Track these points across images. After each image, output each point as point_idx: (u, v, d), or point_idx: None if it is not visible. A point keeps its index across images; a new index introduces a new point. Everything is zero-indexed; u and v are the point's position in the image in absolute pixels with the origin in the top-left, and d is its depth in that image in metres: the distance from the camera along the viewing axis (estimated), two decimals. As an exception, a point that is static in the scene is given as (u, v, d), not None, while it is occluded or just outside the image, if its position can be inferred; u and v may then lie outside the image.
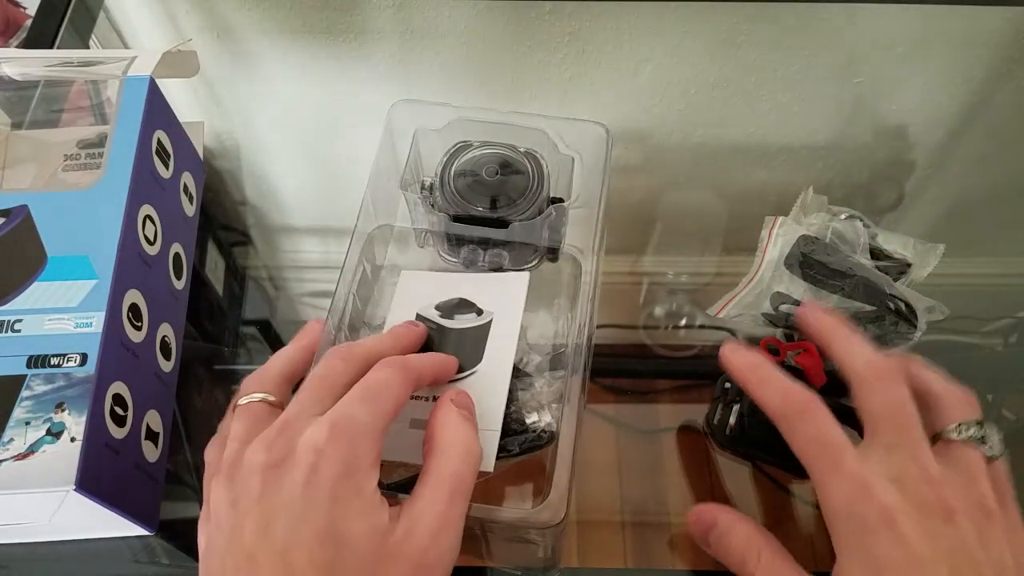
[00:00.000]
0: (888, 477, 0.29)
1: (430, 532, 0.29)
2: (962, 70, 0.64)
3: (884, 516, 0.28)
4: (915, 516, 0.28)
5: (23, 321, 0.39)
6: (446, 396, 0.33)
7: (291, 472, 0.28)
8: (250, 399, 0.33)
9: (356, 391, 0.31)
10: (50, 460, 0.35)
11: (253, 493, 0.28)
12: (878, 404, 0.32)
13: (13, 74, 0.48)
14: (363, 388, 0.31)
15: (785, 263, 0.45)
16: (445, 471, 0.30)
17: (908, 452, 0.30)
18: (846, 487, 0.30)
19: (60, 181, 0.49)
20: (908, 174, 0.60)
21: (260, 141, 0.64)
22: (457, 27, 0.66)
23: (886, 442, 0.31)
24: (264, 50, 0.67)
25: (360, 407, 0.30)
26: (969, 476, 0.31)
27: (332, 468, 0.28)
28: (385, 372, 0.32)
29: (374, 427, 0.30)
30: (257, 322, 0.55)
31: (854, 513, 0.29)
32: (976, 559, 0.28)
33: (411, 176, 0.45)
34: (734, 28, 0.65)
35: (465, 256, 0.45)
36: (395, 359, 0.33)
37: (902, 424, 0.31)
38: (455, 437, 0.31)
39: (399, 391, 0.32)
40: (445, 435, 0.31)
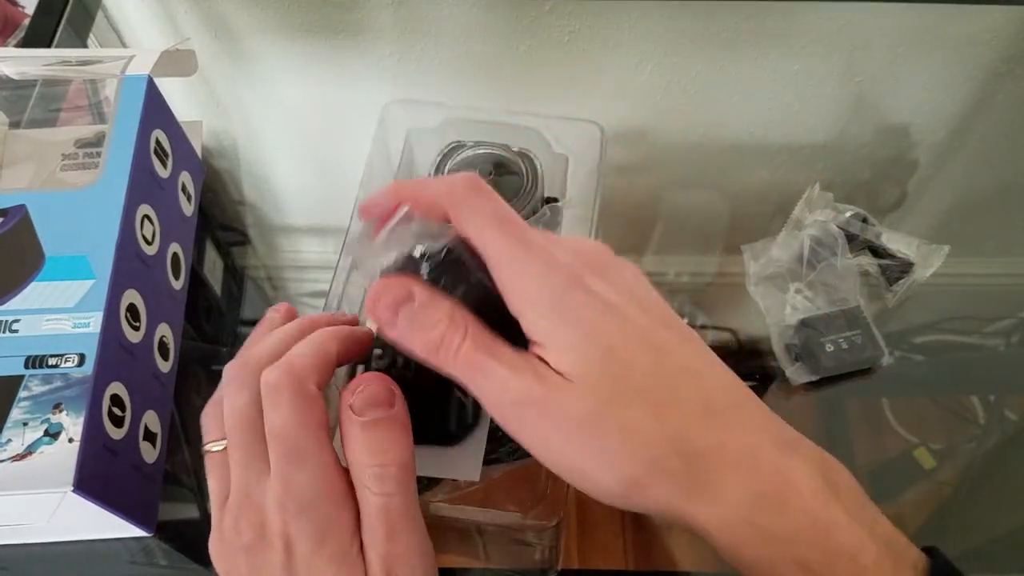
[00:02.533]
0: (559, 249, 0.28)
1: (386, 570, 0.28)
2: (962, 70, 0.64)
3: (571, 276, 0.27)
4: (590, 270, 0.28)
5: (21, 321, 0.39)
6: (343, 404, 0.29)
7: (268, 554, 0.28)
8: (216, 447, 0.30)
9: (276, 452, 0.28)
10: (48, 461, 0.35)
11: (243, 571, 0.29)
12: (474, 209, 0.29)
13: (11, 73, 0.48)
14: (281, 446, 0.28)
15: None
16: (369, 509, 0.28)
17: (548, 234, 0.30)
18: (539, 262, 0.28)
19: (58, 180, 0.49)
20: (909, 173, 0.60)
21: (259, 140, 0.64)
22: (456, 26, 0.66)
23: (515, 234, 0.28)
24: (263, 49, 0.67)
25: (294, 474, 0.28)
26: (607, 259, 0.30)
27: (303, 546, 0.28)
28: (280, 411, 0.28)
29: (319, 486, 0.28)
30: (255, 322, 0.54)
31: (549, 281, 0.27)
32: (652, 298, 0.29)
33: (404, 176, 0.45)
34: (734, 28, 0.64)
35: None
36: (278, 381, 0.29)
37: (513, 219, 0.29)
38: (364, 461, 0.28)
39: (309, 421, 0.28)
40: (356, 462, 0.28)
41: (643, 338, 0.27)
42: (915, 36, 0.66)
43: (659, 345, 0.27)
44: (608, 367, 0.27)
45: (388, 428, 0.29)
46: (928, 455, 0.48)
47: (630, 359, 0.27)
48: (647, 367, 0.27)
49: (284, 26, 0.67)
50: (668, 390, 0.27)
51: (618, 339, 0.27)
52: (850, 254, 0.48)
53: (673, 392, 0.27)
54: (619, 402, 0.26)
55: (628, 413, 0.26)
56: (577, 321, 0.27)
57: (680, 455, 0.26)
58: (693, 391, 0.27)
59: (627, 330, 0.27)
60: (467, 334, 0.27)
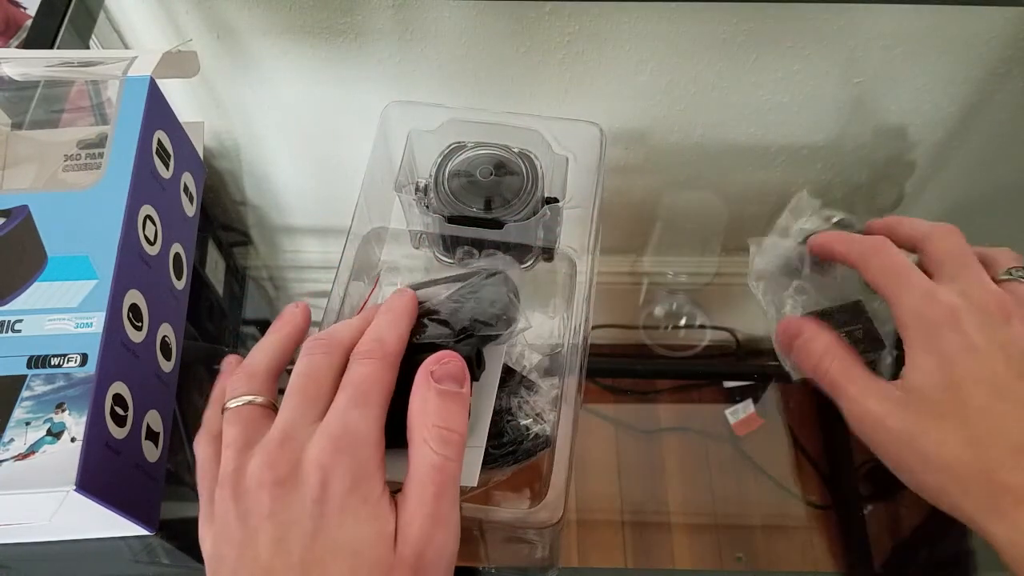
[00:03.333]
0: (952, 290, 0.34)
1: (423, 534, 0.29)
2: (962, 70, 0.64)
3: (948, 314, 0.33)
4: (975, 315, 0.33)
5: (23, 321, 0.39)
6: (423, 369, 0.32)
7: (300, 489, 0.28)
8: (238, 402, 0.32)
9: (346, 394, 0.31)
10: (50, 460, 0.35)
11: (263, 509, 0.28)
12: (942, 250, 0.36)
13: (13, 74, 0.48)
14: (352, 389, 0.31)
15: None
16: (424, 466, 0.30)
17: (970, 276, 0.35)
18: (916, 295, 0.34)
19: (60, 181, 0.49)
20: (908, 174, 0.60)
21: (260, 141, 0.64)
22: (457, 28, 0.66)
23: (949, 273, 0.35)
24: (264, 50, 0.67)
25: (355, 412, 0.30)
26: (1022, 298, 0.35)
27: (340, 483, 0.28)
28: (366, 366, 0.31)
29: (371, 431, 0.30)
30: (257, 322, 0.55)
31: (922, 314, 0.33)
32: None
33: (405, 178, 0.45)
34: (734, 28, 0.65)
35: (460, 257, 0.45)
36: (372, 346, 0.32)
37: (963, 261, 0.36)
38: (432, 421, 0.30)
39: (385, 382, 0.31)
40: (423, 421, 0.30)
41: (991, 381, 0.32)
42: (915, 36, 0.66)
43: (1002, 389, 0.32)
44: (945, 395, 0.32)
45: (460, 402, 0.31)
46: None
47: (968, 393, 0.32)
48: (982, 403, 0.31)
49: (286, 28, 0.67)
50: (991, 425, 0.31)
51: (966, 375, 0.32)
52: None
53: (995, 428, 0.31)
54: (942, 426, 0.32)
55: (947, 437, 0.32)
56: (937, 351, 0.33)
57: (987, 484, 0.31)
58: (1015, 430, 0.31)
59: (979, 370, 0.32)
60: (834, 360, 0.36)
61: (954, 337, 0.33)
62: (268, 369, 0.35)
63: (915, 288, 0.34)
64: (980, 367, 0.32)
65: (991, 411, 0.31)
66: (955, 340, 0.33)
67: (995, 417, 0.31)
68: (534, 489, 0.41)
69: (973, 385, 0.32)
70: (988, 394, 0.32)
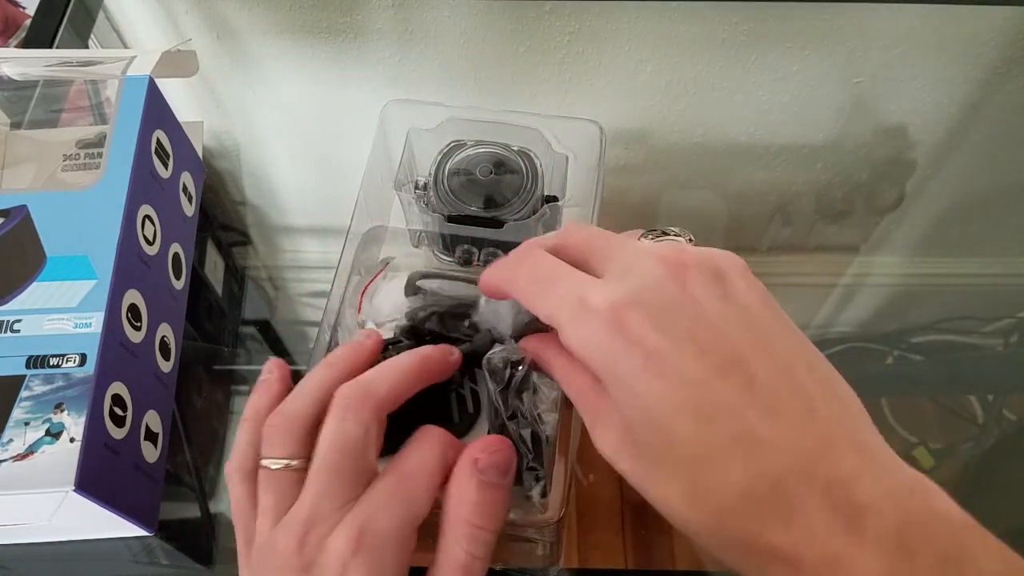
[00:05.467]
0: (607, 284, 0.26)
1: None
2: (962, 70, 0.64)
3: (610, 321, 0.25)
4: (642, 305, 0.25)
5: (22, 321, 0.39)
6: (468, 455, 0.29)
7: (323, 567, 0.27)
8: (276, 465, 0.29)
9: (387, 488, 0.27)
10: (49, 461, 0.35)
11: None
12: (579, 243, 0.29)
13: (12, 74, 0.48)
14: (397, 485, 0.28)
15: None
16: (451, 562, 0.27)
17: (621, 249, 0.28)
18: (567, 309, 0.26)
19: (59, 181, 0.49)
20: (908, 174, 0.60)
21: (260, 141, 0.64)
22: (456, 27, 0.66)
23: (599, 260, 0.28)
24: (263, 50, 0.67)
25: (387, 512, 0.27)
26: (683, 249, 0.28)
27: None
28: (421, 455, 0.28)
29: (402, 535, 0.27)
30: (256, 322, 0.55)
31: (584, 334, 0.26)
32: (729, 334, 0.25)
33: (405, 176, 0.45)
34: (734, 28, 0.65)
35: (460, 256, 0.45)
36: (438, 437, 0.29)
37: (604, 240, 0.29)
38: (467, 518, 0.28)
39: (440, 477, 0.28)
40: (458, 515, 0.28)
41: (687, 400, 0.24)
42: (915, 36, 0.66)
43: (708, 406, 0.24)
44: (647, 439, 0.25)
45: (500, 495, 0.28)
46: (927, 454, 0.48)
47: (668, 428, 0.24)
48: (687, 439, 0.24)
49: (285, 27, 0.67)
50: (709, 467, 0.24)
51: (658, 402, 0.24)
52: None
53: (714, 469, 0.24)
54: (657, 475, 0.25)
55: (666, 488, 0.25)
56: (617, 383, 0.25)
57: (721, 540, 0.24)
58: (739, 467, 0.23)
59: (668, 390, 0.24)
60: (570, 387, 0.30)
61: (627, 351, 0.25)
62: (310, 421, 0.30)
63: (564, 300, 0.27)
64: (667, 382, 0.24)
65: (698, 442, 0.24)
66: (629, 355, 0.25)
67: (704, 449, 0.24)
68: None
69: (668, 414, 0.24)
70: (687, 418, 0.24)
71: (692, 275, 0.26)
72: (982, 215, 0.60)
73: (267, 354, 0.54)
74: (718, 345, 0.25)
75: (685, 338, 0.24)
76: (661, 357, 0.24)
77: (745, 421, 0.24)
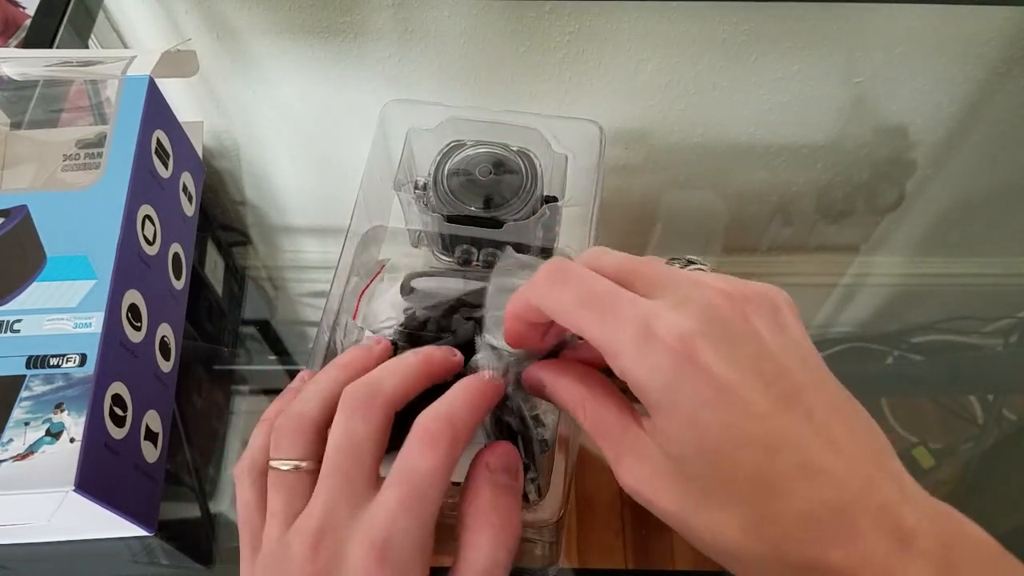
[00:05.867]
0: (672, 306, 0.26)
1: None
2: (962, 70, 0.64)
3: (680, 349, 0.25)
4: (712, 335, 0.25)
5: (22, 321, 0.39)
6: (481, 460, 0.29)
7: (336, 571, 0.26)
8: (285, 466, 0.29)
9: (398, 493, 0.27)
10: (49, 461, 0.35)
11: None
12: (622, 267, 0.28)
13: (12, 74, 0.48)
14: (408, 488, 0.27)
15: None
16: (477, 564, 0.27)
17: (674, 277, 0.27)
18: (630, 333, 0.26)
19: (59, 181, 0.49)
20: (908, 174, 0.60)
21: (260, 141, 0.64)
22: (456, 27, 0.66)
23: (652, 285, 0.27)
24: (263, 50, 0.67)
25: (407, 521, 0.26)
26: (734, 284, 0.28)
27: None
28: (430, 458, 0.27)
29: (424, 543, 0.27)
30: (256, 322, 0.55)
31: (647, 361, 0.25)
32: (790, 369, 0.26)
33: (404, 176, 0.45)
34: (734, 28, 0.65)
35: (459, 256, 0.45)
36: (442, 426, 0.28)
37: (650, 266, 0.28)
38: (488, 516, 0.28)
39: (447, 477, 0.27)
40: (477, 514, 0.28)
41: (753, 432, 0.24)
42: (915, 36, 0.66)
43: (772, 439, 0.24)
44: (703, 469, 0.25)
45: (514, 498, 0.29)
46: (927, 454, 0.48)
47: (730, 459, 0.24)
48: (750, 471, 0.24)
49: (285, 27, 0.67)
50: (770, 497, 0.24)
51: (723, 434, 0.24)
52: None
53: (775, 499, 0.24)
54: (710, 505, 0.25)
55: (720, 518, 0.25)
56: (678, 413, 0.25)
57: (777, 567, 0.24)
58: (800, 497, 0.24)
59: (734, 422, 0.24)
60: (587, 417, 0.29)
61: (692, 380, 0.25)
62: (319, 421, 0.30)
63: (629, 325, 0.26)
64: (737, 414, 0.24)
65: (762, 472, 0.24)
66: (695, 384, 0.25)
67: (769, 479, 0.24)
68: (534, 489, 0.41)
69: (733, 446, 0.24)
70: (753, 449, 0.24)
71: (752, 308, 0.26)
72: (982, 215, 0.60)
73: (267, 354, 0.54)
74: (781, 378, 0.25)
75: (751, 370, 0.25)
76: (730, 389, 0.25)
77: (808, 452, 0.24)
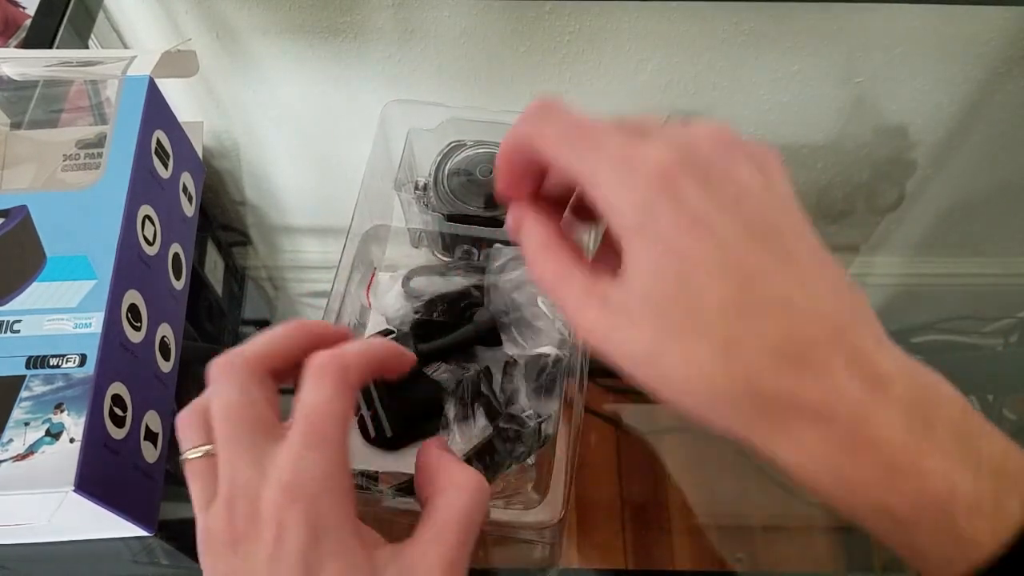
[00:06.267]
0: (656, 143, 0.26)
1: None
2: (962, 70, 0.64)
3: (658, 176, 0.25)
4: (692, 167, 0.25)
5: (22, 321, 0.39)
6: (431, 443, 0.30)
7: (255, 545, 0.26)
8: (195, 454, 0.29)
9: (299, 431, 0.26)
10: (49, 461, 0.35)
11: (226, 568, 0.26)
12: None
13: (12, 74, 0.48)
14: (306, 425, 0.27)
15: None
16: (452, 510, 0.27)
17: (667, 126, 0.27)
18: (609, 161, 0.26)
19: (59, 181, 0.49)
20: (908, 174, 0.60)
21: (260, 141, 0.64)
22: (456, 27, 0.66)
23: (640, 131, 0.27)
24: (263, 50, 0.67)
25: (309, 456, 0.26)
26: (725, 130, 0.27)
27: (296, 538, 0.25)
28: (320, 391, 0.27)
29: (332, 475, 0.26)
30: (256, 322, 0.55)
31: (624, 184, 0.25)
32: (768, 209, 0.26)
33: (405, 176, 0.45)
34: (734, 28, 0.65)
35: (460, 255, 0.45)
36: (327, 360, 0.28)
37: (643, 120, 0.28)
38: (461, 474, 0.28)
39: (344, 411, 0.27)
40: (449, 474, 0.28)
41: (728, 262, 0.24)
42: (915, 36, 0.66)
43: (748, 269, 0.24)
44: (678, 297, 0.24)
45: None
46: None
47: (705, 287, 0.24)
48: (725, 297, 0.24)
49: (285, 27, 0.67)
50: (744, 325, 0.24)
51: (696, 263, 0.24)
52: None
53: (749, 327, 0.24)
54: (684, 336, 0.24)
55: (693, 348, 0.24)
56: (654, 239, 0.25)
57: (749, 398, 0.24)
58: (773, 327, 0.24)
59: (710, 251, 0.24)
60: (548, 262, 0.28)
61: (670, 208, 0.25)
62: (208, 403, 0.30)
63: (610, 156, 0.26)
64: (712, 246, 0.24)
65: (737, 302, 0.24)
66: (672, 212, 0.24)
67: (743, 309, 0.24)
68: (536, 488, 0.41)
69: (709, 273, 0.24)
70: (729, 279, 0.24)
71: (740, 155, 0.26)
72: (982, 215, 0.60)
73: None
74: (760, 217, 0.25)
75: (730, 210, 0.25)
76: (708, 221, 0.25)
77: (782, 287, 0.24)
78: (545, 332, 0.40)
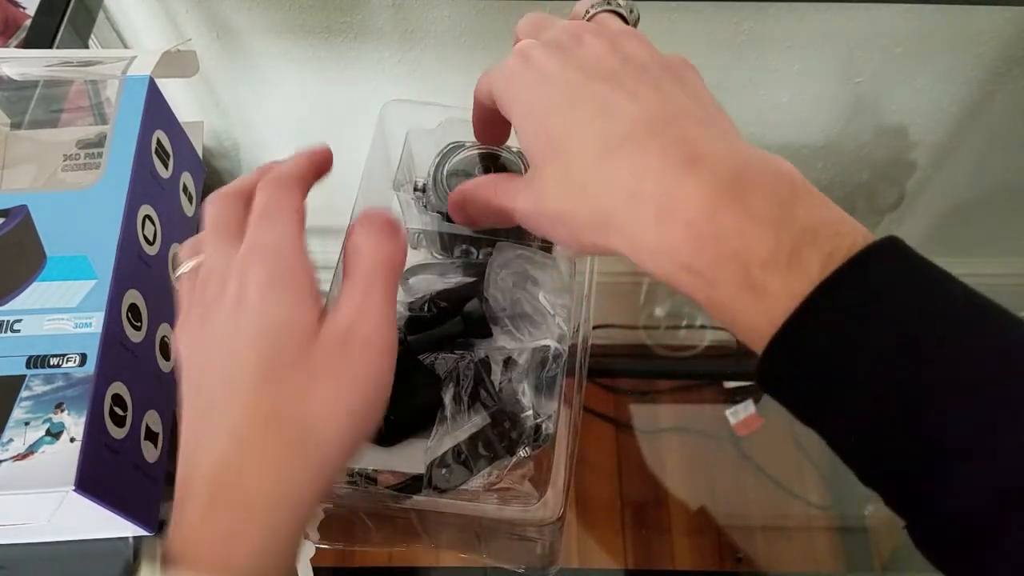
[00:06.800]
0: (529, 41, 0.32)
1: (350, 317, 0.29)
2: (962, 70, 0.64)
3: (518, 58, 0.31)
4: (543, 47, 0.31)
5: (22, 321, 0.39)
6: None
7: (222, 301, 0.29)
8: (184, 267, 0.32)
9: (255, 215, 0.31)
10: (49, 460, 0.35)
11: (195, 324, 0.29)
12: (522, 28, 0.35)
13: (12, 74, 0.48)
14: (260, 209, 0.31)
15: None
16: (361, 267, 0.31)
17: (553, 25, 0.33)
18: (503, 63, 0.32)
19: (59, 181, 0.49)
20: (908, 174, 0.60)
21: (259, 141, 0.64)
22: (456, 28, 0.66)
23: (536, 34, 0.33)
24: (264, 50, 0.67)
25: (265, 225, 0.30)
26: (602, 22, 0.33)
27: (256, 278, 0.28)
28: (268, 190, 0.31)
29: (285, 235, 0.30)
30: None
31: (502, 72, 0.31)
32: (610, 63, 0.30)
33: (403, 177, 0.45)
34: (734, 28, 0.65)
35: (458, 256, 0.45)
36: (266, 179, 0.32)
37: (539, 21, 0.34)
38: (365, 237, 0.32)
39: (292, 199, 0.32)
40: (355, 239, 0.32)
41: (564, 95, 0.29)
42: (915, 36, 0.66)
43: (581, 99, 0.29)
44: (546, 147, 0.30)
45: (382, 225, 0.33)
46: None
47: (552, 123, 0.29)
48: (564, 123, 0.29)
49: (285, 28, 0.67)
50: (572, 135, 0.29)
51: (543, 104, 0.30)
52: None
53: (570, 135, 0.29)
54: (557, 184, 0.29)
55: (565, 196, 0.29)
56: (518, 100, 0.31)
57: (579, 199, 0.29)
58: (593, 130, 0.28)
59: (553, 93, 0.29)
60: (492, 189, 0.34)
61: (525, 73, 0.30)
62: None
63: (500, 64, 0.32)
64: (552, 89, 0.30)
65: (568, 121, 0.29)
66: (527, 74, 0.30)
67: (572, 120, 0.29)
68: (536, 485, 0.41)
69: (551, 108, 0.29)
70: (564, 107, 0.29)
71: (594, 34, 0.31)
72: (982, 215, 0.60)
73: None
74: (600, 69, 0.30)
75: (573, 64, 0.30)
76: (552, 74, 0.30)
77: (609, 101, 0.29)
78: (544, 327, 0.40)
